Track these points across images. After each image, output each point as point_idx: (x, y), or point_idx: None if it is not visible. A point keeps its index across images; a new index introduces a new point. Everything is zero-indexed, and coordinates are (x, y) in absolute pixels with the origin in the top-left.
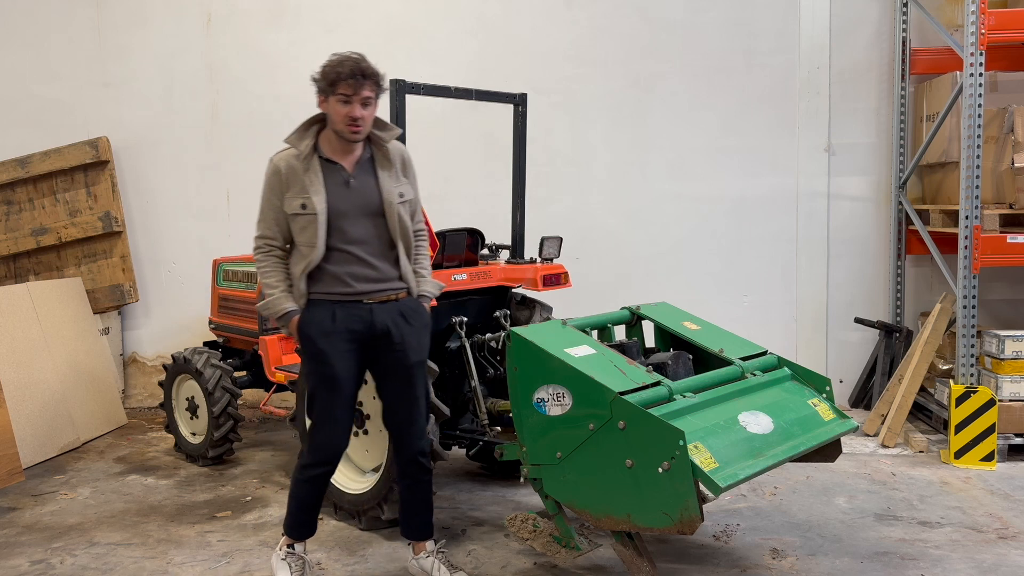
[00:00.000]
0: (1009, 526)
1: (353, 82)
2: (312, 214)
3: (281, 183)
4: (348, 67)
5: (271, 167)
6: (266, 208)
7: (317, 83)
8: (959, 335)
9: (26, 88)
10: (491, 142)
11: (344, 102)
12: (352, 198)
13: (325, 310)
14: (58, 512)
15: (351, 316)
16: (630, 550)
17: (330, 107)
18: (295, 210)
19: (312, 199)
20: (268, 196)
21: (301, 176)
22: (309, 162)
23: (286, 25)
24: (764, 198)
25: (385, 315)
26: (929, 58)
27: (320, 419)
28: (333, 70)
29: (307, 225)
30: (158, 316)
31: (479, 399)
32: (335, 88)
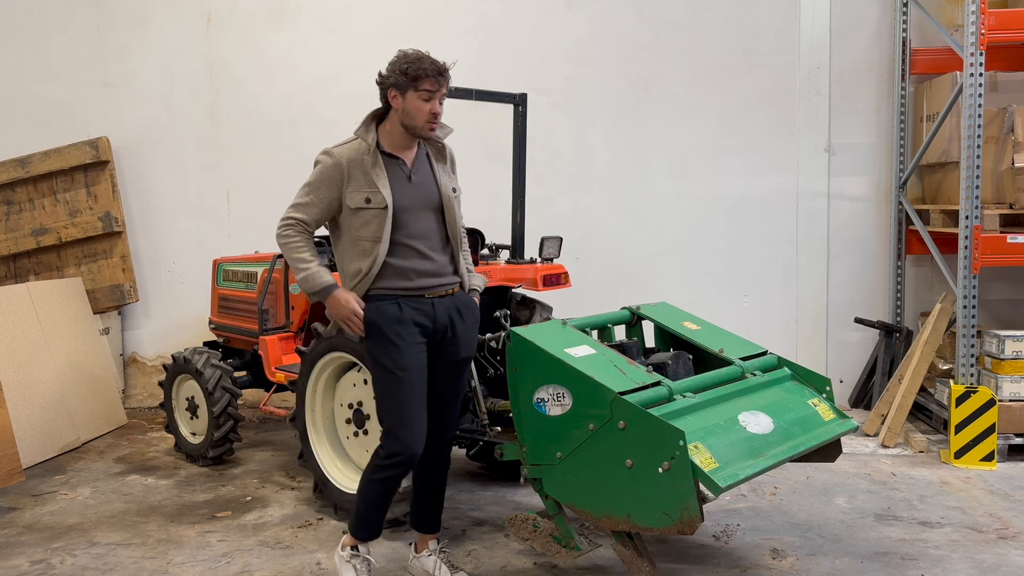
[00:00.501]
0: (1009, 526)
1: (438, 79)
2: (379, 208)
3: (342, 176)
4: (431, 64)
5: (330, 160)
6: (314, 198)
7: (391, 79)
8: (959, 335)
9: (26, 88)
10: (491, 142)
11: (427, 99)
12: (414, 193)
13: (391, 304)
14: (58, 512)
15: (416, 311)
16: (630, 550)
17: (408, 103)
18: (359, 204)
19: (380, 193)
20: (319, 187)
21: (367, 170)
22: (374, 156)
23: (286, 25)
24: (764, 198)
25: (444, 310)
26: (929, 58)
27: (399, 416)
28: (416, 66)
29: (371, 219)
30: (158, 316)
31: (479, 399)
32: (418, 84)
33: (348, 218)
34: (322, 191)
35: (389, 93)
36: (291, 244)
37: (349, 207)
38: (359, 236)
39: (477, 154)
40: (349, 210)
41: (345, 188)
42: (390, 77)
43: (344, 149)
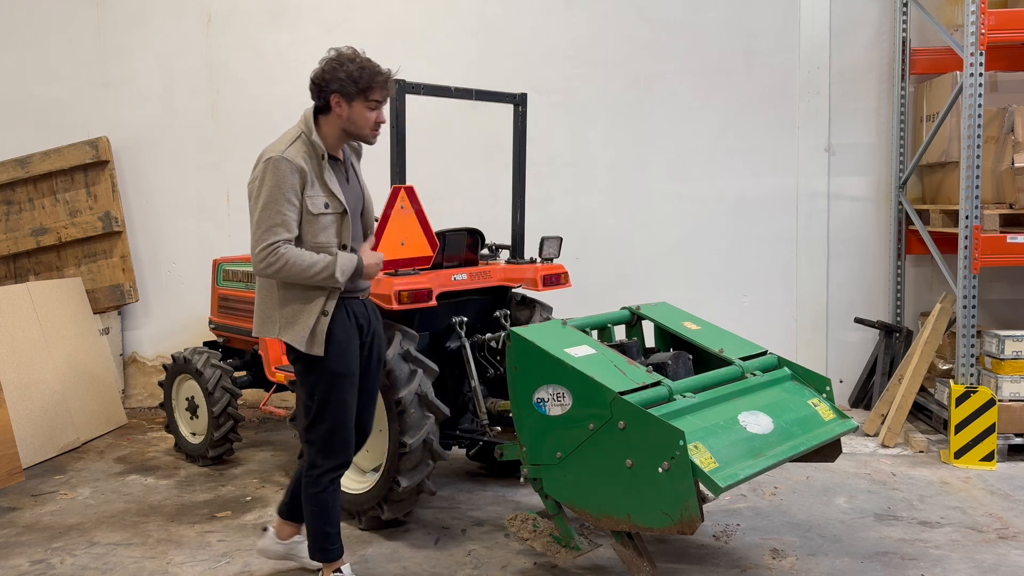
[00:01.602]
0: (1009, 526)
1: (386, 89)
2: (336, 213)
3: (303, 180)
4: (380, 74)
5: (288, 164)
6: (285, 210)
7: (335, 85)
8: (959, 335)
9: (26, 88)
10: (491, 142)
11: (373, 109)
12: (351, 194)
13: (341, 309)
14: (58, 512)
15: (358, 313)
16: (630, 550)
17: (354, 111)
18: (319, 209)
19: (337, 197)
20: (287, 196)
21: (321, 174)
22: (324, 160)
23: (286, 25)
24: (764, 198)
25: (370, 311)
26: (929, 58)
27: (339, 420)
28: (368, 77)
29: (329, 224)
30: (158, 316)
31: (479, 399)
32: (368, 95)
33: (306, 224)
34: (291, 199)
35: (332, 98)
36: (291, 261)
37: (311, 212)
38: (318, 241)
39: (477, 154)
40: (310, 215)
41: (305, 192)
42: (333, 82)
43: (294, 151)
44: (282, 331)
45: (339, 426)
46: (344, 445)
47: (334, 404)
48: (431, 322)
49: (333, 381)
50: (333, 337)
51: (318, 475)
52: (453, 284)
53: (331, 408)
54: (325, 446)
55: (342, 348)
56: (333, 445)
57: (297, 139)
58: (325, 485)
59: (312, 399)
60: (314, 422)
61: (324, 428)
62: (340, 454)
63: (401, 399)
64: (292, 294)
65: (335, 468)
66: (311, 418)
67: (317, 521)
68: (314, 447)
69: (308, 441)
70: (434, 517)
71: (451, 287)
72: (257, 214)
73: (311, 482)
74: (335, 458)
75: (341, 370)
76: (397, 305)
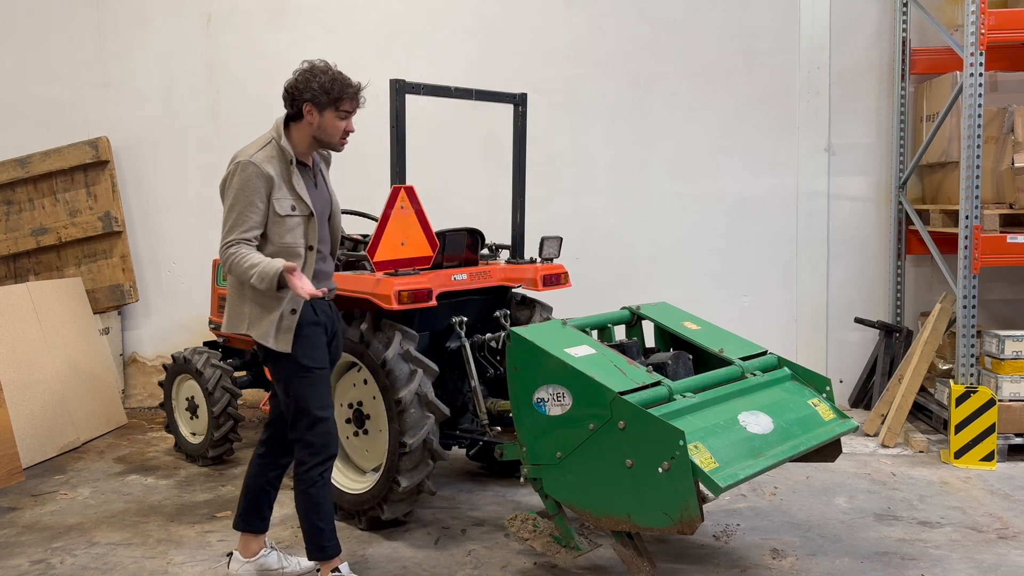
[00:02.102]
0: (1009, 526)
1: (356, 100)
2: (303, 216)
3: (269, 184)
4: (351, 86)
5: (254, 169)
6: (248, 212)
7: (307, 94)
8: (959, 335)
9: (26, 88)
10: (491, 142)
11: (343, 118)
12: (318, 199)
13: (308, 306)
14: (58, 512)
15: (323, 312)
16: (630, 550)
17: (325, 120)
18: (286, 211)
19: (304, 201)
20: (251, 199)
21: (289, 178)
22: (292, 164)
23: (286, 25)
24: (764, 198)
25: (334, 312)
26: (929, 58)
27: (321, 412)
28: (339, 88)
29: (295, 227)
30: (158, 316)
31: (479, 399)
32: (339, 105)
33: (273, 225)
34: (255, 203)
35: (305, 107)
36: (236, 259)
37: (278, 214)
38: (284, 243)
39: (477, 154)
40: (277, 217)
41: (273, 195)
42: (306, 92)
43: (263, 156)
44: (250, 327)
45: (319, 418)
46: (326, 436)
47: (310, 398)
48: (431, 322)
49: (305, 376)
50: (301, 333)
51: (305, 470)
52: (453, 284)
53: (309, 402)
54: (309, 441)
55: (310, 343)
56: (316, 439)
57: (268, 144)
58: (314, 479)
59: (288, 395)
60: (295, 419)
61: (305, 423)
62: (324, 446)
63: (401, 399)
64: (260, 291)
65: (322, 462)
66: (292, 415)
67: (311, 517)
68: (299, 444)
69: (294, 439)
70: (434, 517)
71: (451, 287)
72: (224, 216)
73: (300, 479)
74: (318, 451)
75: (311, 364)
76: (397, 305)
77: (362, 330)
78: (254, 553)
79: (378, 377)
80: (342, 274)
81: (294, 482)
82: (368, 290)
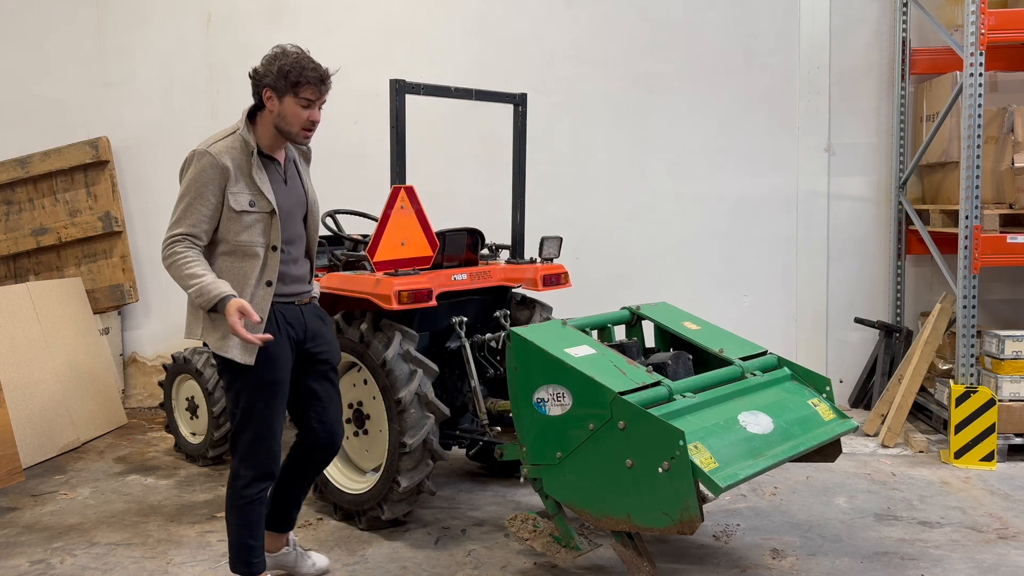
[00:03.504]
0: (1009, 526)
1: (319, 87)
2: (263, 212)
3: (224, 176)
4: (313, 70)
5: (208, 160)
6: (197, 205)
7: (267, 79)
8: (959, 335)
9: (26, 88)
10: (491, 142)
11: (305, 106)
12: (288, 196)
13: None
14: (58, 512)
15: (290, 319)
16: (630, 550)
17: (285, 108)
18: (242, 206)
19: (264, 196)
20: (202, 192)
21: (249, 171)
22: (253, 157)
23: (286, 25)
24: (764, 198)
25: (308, 316)
26: (929, 58)
27: (264, 429)
28: (297, 71)
29: (254, 223)
30: (158, 316)
31: (479, 399)
32: (298, 91)
33: (227, 222)
34: (207, 196)
35: (264, 93)
36: (183, 260)
37: (233, 209)
38: (239, 241)
39: (477, 154)
40: (232, 213)
41: (229, 190)
42: (266, 76)
43: (221, 146)
44: (205, 334)
45: (264, 435)
46: (269, 455)
47: (259, 411)
48: (431, 322)
49: (259, 388)
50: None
51: (243, 486)
52: (453, 284)
53: (256, 415)
54: (248, 455)
55: (268, 354)
56: (257, 455)
57: (230, 135)
58: (252, 497)
59: (237, 405)
60: (239, 430)
61: (248, 436)
62: (264, 464)
63: (401, 399)
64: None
65: (259, 479)
66: (236, 425)
67: (241, 533)
68: (237, 456)
69: (232, 450)
70: (434, 517)
71: (451, 287)
72: (174, 207)
73: (236, 494)
74: (258, 468)
75: (266, 376)
76: (397, 305)
77: (362, 330)
78: (276, 549)
79: (378, 377)
80: (342, 274)
81: (228, 495)
82: (368, 290)
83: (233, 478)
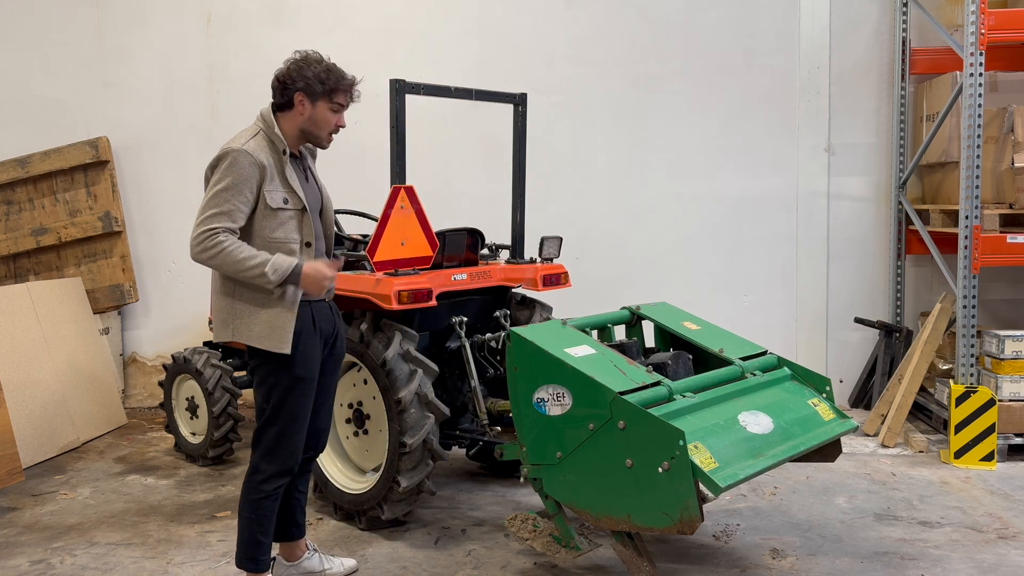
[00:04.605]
0: (1009, 526)
1: (350, 93)
2: (296, 209)
3: (262, 174)
4: (345, 77)
5: (248, 157)
6: (235, 200)
7: (300, 84)
8: (959, 335)
9: (26, 88)
10: (491, 142)
11: (336, 111)
12: (312, 194)
13: (304, 310)
14: (58, 512)
15: (322, 316)
16: (630, 550)
17: (317, 112)
18: (278, 204)
19: (296, 194)
20: (240, 188)
21: (281, 169)
22: (285, 155)
23: (286, 25)
24: (764, 198)
25: (335, 314)
26: (929, 58)
27: (292, 425)
28: (334, 79)
29: (287, 220)
30: (158, 316)
31: (479, 399)
32: (333, 96)
33: (262, 219)
34: (245, 193)
35: (296, 96)
36: (227, 248)
37: (269, 206)
38: (273, 238)
39: (477, 154)
40: (268, 210)
41: (264, 187)
42: (299, 81)
43: (254, 145)
44: (238, 333)
45: (290, 431)
46: (291, 452)
47: (289, 408)
48: (431, 322)
49: (292, 384)
50: (298, 339)
51: (260, 480)
52: (453, 284)
53: (286, 412)
54: (271, 450)
55: (304, 351)
56: (280, 451)
57: (257, 134)
58: (268, 492)
59: (268, 401)
60: (266, 425)
61: (275, 432)
62: (286, 460)
63: (401, 399)
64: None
65: (279, 475)
66: (263, 420)
67: (252, 528)
68: (260, 450)
69: (255, 444)
70: (434, 517)
71: (451, 287)
72: (206, 200)
73: (253, 487)
74: (279, 464)
75: (302, 373)
76: (397, 305)
77: (362, 330)
78: (297, 557)
79: (378, 377)
80: (342, 274)
81: (244, 488)
82: (368, 290)
83: (252, 472)
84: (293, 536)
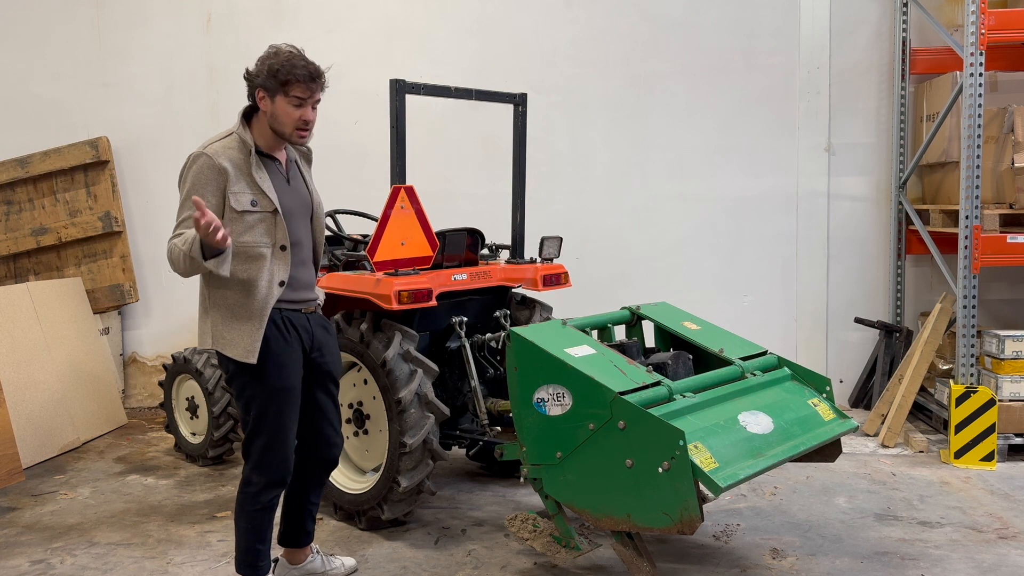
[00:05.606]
0: (1009, 526)
1: (310, 85)
2: (265, 211)
3: (222, 178)
4: (303, 68)
5: (205, 161)
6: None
7: (259, 79)
8: (959, 335)
9: (26, 88)
10: (491, 142)
11: (297, 105)
12: (292, 196)
13: (277, 319)
14: (58, 512)
15: (298, 326)
16: (630, 550)
17: (277, 107)
18: (244, 207)
19: (266, 196)
20: (200, 193)
21: (248, 171)
22: (254, 156)
23: (286, 25)
24: (764, 198)
25: (315, 326)
26: (929, 58)
27: (277, 436)
28: (286, 70)
29: (256, 223)
30: (158, 316)
31: (479, 399)
32: (288, 89)
33: (229, 223)
34: (205, 197)
35: (257, 94)
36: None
37: (235, 209)
38: (241, 242)
39: (477, 154)
40: (234, 213)
41: (229, 190)
42: (258, 76)
43: (219, 147)
44: (216, 341)
45: (276, 442)
46: (281, 462)
47: (271, 419)
48: (431, 322)
49: (269, 395)
50: (269, 349)
51: (254, 492)
52: (453, 284)
53: (268, 423)
54: (260, 462)
55: (278, 361)
56: (269, 462)
57: (228, 136)
58: (263, 504)
59: (248, 413)
60: (251, 437)
61: (260, 444)
62: (276, 471)
63: (401, 399)
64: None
65: (271, 486)
66: (248, 433)
67: (248, 537)
68: (250, 462)
69: (245, 456)
70: (434, 517)
71: (451, 287)
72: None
73: (247, 499)
74: (270, 475)
75: (276, 383)
76: (397, 305)
77: (362, 330)
78: (300, 561)
79: (378, 377)
80: (342, 274)
81: (238, 499)
82: (368, 290)
83: (245, 484)
84: (302, 543)
